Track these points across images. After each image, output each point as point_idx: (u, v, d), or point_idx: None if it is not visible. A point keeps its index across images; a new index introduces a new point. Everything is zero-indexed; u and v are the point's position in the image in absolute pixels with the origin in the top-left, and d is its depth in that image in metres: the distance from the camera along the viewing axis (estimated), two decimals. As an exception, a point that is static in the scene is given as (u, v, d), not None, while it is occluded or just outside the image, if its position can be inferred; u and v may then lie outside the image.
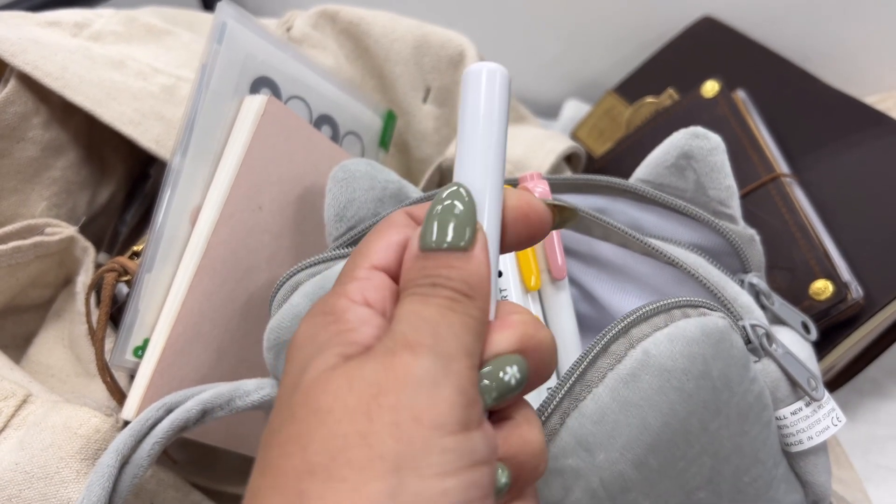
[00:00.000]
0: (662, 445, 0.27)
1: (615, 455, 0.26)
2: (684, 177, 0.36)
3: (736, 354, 0.29)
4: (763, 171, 0.50)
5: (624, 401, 0.26)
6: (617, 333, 0.27)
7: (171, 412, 0.33)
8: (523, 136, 0.53)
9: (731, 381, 0.29)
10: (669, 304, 0.29)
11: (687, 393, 0.27)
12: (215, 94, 0.41)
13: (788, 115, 0.54)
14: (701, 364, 0.27)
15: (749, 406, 0.30)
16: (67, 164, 0.47)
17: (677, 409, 0.27)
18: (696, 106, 0.56)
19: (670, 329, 0.28)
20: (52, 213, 0.46)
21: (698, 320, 0.28)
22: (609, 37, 0.74)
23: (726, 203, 0.36)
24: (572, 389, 0.26)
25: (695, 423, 0.27)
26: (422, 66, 0.56)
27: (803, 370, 0.32)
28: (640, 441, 0.26)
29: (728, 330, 0.29)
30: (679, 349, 0.27)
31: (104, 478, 0.30)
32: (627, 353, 0.27)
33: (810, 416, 0.32)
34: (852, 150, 0.50)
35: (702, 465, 0.28)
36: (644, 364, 0.27)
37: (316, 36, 0.56)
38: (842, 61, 0.66)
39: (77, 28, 0.48)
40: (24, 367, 0.44)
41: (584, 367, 0.27)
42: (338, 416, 0.18)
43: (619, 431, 0.26)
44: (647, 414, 0.26)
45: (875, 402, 0.55)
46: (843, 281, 0.44)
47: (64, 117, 0.46)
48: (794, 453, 0.32)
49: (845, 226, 0.47)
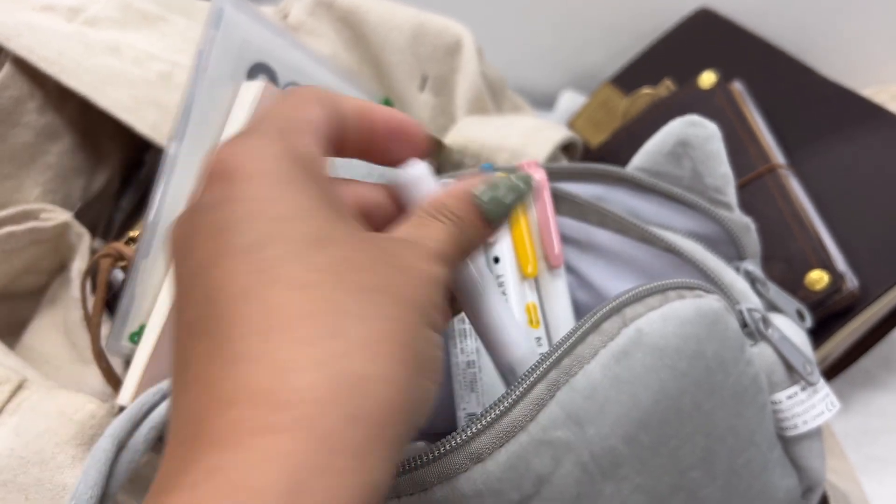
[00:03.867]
0: (654, 422, 0.27)
1: (606, 430, 0.26)
2: (681, 164, 0.36)
3: (731, 336, 0.29)
4: (760, 162, 0.50)
5: (615, 377, 0.26)
6: (609, 311, 0.27)
7: (166, 398, 0.32)
8: (520, 125, 0.53)
9: (725, 363, 0.29)
10: (665, 285, 0.29)
11: (679, 372, 0.27)
12: (212, 80, 0.41)
13: (785, 107, 0.54)
14: (694, 344, 0.28)
15: (744, 388, 0.30)
16: (63, 149, 0.46)
17: (669, 387, 0.27)
18: (692, 97, 0.56)
19: (664, 309, 0.28)
20: (47, 198, 0.46)
21: (693, 301, 0.28)
22: (606, 28, 0.74)
23: (722, 191, 0.36)
24: (560, 361, 0.26)
25: (687, 402, 0.27)
26: (418, 55, 0.56)
27: (799, 355, 0.32)
28: (630, 417, 0.26)
29: (723, 312, 0.29)
30: (672, 328, 0.27)
31: (101, 462, 0.30)
32: (620, 331, 0.27)
33: (805, 400, 0.32)
34: (848, 142, 0.50)
35: (695, 444, 0.28)
36: (636, 342, 0.27)
37: (313, 23, 0.56)
38: (839, 53, 0.66)
39: (72, 13, 0.47)
40: (18, 354, 0.44)
41: (573, 341, 0.27)
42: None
43: (610, 407, 0.26)
44: (638, 391, 0.26)
45: (869, 393, 0.55)
46: (838, 271, 0.44)
47: (59, 103, 0.46)
48: (789, 437, 0.33)
49: (841, 217, 0.48)
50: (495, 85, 0.60)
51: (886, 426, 0.53)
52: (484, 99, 0.57)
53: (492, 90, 0.59)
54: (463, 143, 0.53)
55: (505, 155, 0.51)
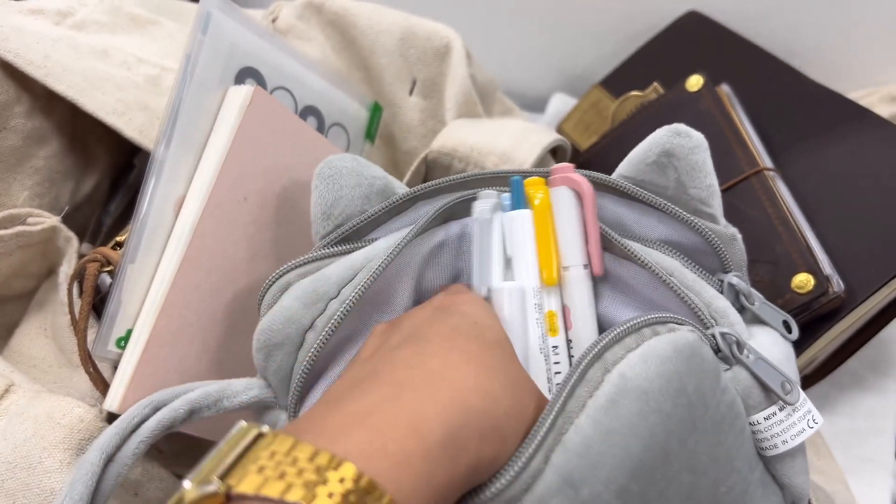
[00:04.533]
0: (644, 470, 0.27)
1: (599, 488, 0.26)
2: (665, 174, 0.35)
3: (707, 368, 0.29)
4: (746, 165, 0.50)
5: (606, 429, 0.26)
6: (592, 359, 0.28)
7: (157, 410, 0.32)
8: (509, 128, 0.53)
9: (705, 395, 0.29)
10: (638, 323, 0.29)
11: (665, 413, 0.27)
12: (199, 85, 0.41)
13: (772, 110, 0.54)
14: (676, 382, 0.28)
15: (722, 416, 0.30)
16: (50, 153, 0.46)
17: (657, 431, 0.27)
18: (680, 100, 0.56)
19: (642, 349, 0.28)
20: (34, 202, 0.46)
21: (668, 337, 0.29)
22: (596, 30, 0.74)
23: (707, 202, 0.35)
24: (555, 424, 0.26)
25: (673, 442, 0.28)
26: (407, 58, 0.56)
27: (777, 375, 0.32)
28: (622, 469, 0.26)
29: (698, 343, 0.29)
30: (654, 369, 0.28)
31: (87, 476, 0.30)
32: (604, 377, 0.27)
33: (784, 420, 0.32)
34: (835, 145, 0.50)
35: (681, 482, 0.28)
36: (621, 389, 0.27)
37: (301, 27, 0.56)
38: (826, 57, 0.67)
39: (60, 16, 0.47)
40: (6, 358, 0.43)
41: (563, 398, 0.27)
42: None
43: (603, 462, 0.26)
44: (628, 441, 0.27)
45: (855, 395, 0.56)
46: (824, 274, 0.45)
47: (47, 106, 0.46)
48: (770, 457, 0.33)
49: (828, 220, 0.48)
50: (485, 88, 0.60)
51: (873, 428, 0.54)
52: (473, 102, 0.57)
53: (481, 93, 0.59)
54: (452, 146, 0.53)
55: (494, 158, 0.51)
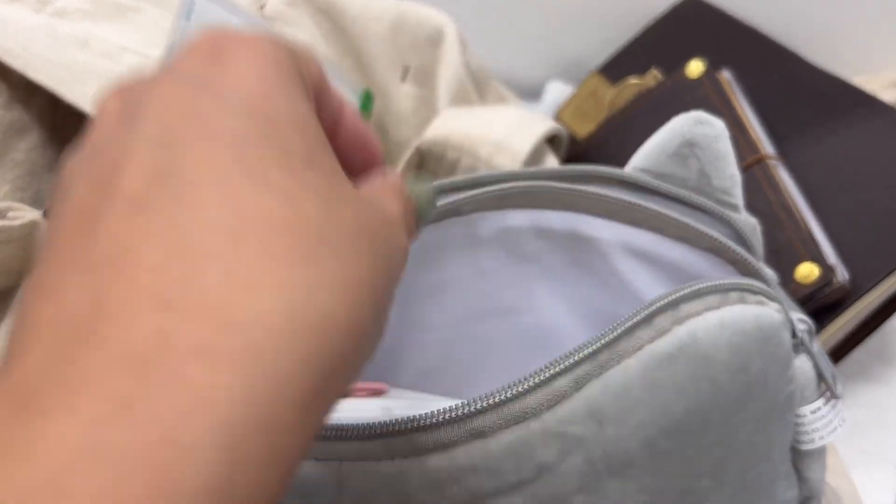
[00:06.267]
0: (677, 432, 0.25)
1: (626, 432, 0.25)
2: (687, 165, 0.34)
3: (780, 354, 0.27)
4: (748, 153, 0.49)
5: (652, 381, 0.25)
6: (665, 305, 0.25)
7: None
8: (504, 116, 0.53)
9: (767, 380, 0.27)
10: (727, 284, 0.26)
11: (719, 385, 0.26)
12: (183, 73, 0.39)
13: (774, 96, 0.54)
14: (744, 358, 0.26)
15: (777, 405, 0.28)
16: (31, 145, 0.45)
17: (703, 399, 0.25)
18: (680, 87, 0.55)
19: (723, 312, 0.26)
20: (15, 196, 0.45)
21: (755, 309, 0.26)
22: (593, 16, 0.73)
23: (730, 192, 0.34)
24: (596, 355, 0.25)
25: (717, 415, 0.26)
26: (399, 46, 0.55)
27: (830, 366, 0.30)
28: (656, 424, 0.25)
29: (781, 326, 0.27)
30: (727, 338, 0.25)
31: None
32: (672, 328, 0.25)
33: (826, 414, 0.30)
34: (839, 132, 0.50)
35: (712, 454, 0.27)
36: (686, 348, 0.25)
37: (291, 13, 0.55)
38: (829, 42, 0.65)
39: (40, 4, 0.46)
40: (-13, 357, 0.42)
41: (618, 333, 0.25)
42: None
43: (639, 409, 0.25)
44: (671, 399, 0.25)
45: (860, 386, 0.55)
46: (828, 264, 0.44)
47: (26, 97, 0.45)
48: (803, 451, 0.31)
49: (831, 209, 0.47)
50: (479, 75, 0.59)
51: (878, 419, 0.53)
52: (467, 90, 0.56)
53: (476, 81, 0.58)
54: (445, 135, 0.52)
55: (488, 147, 0.50)
